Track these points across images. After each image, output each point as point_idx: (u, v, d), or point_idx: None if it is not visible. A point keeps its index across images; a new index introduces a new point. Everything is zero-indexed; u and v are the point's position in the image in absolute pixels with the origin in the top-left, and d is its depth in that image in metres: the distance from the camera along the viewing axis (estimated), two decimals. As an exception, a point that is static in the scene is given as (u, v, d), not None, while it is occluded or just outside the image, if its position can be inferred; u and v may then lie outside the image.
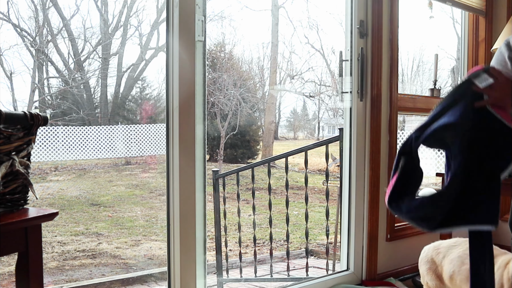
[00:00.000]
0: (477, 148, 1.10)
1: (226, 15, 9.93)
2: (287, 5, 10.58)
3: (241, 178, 4.76)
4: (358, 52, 2.13)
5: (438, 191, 1.15)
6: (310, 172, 8.86)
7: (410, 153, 1.17)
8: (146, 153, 8.17)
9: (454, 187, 1.10)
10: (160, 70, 9.59)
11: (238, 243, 3.91)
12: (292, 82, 10.83)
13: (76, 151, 7.54)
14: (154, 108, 9.21)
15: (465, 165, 1.09)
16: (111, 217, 5.89)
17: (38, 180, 6.76)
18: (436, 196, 1.12)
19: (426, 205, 1.12)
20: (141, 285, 3.72)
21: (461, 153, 1.10)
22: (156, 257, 4.85)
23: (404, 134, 7.75)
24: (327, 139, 2.79)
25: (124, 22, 8.66)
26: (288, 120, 13.41)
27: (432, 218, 1.11)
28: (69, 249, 4.81)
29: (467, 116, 1.12)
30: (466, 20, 2.87)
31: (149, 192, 7.07)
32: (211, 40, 9.50)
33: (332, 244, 3.89)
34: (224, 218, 3.42)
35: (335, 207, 3.90)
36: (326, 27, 11.37)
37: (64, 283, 3.98)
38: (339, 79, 2.19)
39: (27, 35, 7.60)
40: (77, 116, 7.85)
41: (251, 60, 10.66)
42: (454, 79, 8.64)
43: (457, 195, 1.09)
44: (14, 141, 0.96)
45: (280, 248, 5.19)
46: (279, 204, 6.25)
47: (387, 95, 2.24)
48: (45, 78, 7.85)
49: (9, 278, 3.92)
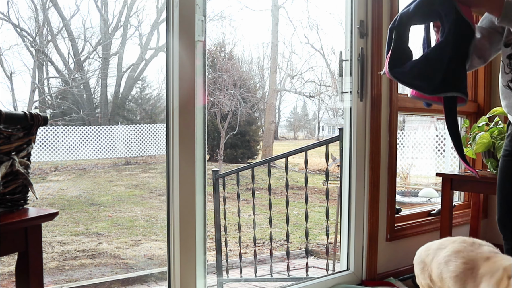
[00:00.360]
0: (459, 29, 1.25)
1: (226, 15, 9.94)
2: (287, 5, 10.59)
3: (241, 178, 4.76)
4: (358, 52, 2.13)
5: (431, 48, 1.31)
6: (310, 172, 8.86)
7: (400, 26, 1.30)
8: (146, 153, 8.17)
9: (445, 49, 1.25)
10: (160, 70, 9.60)
11: (238, 243, 3.91)
12: (292, 82, 10.84)
13: (76, 151, 7.55)
14: (154, 108, 9.22)
15: (454, 33, 1.24)
16: (111, 217, 5.89)
17: (38, 180, 6.76)
18: (431, 52, 1.29)
19: (426, 61, 1.28)
20: (141, 285, 3.72)
21: (451, 22, 1.25)
22: (156, 257, 4.85)
23: (404, 134, 7.76)
24: (327, 139, 2.79)
25: (124, 22, 8.66)
26: (288, 120, 13.41)
27: (431, 78, 1.27)
28: (69, 249, 4.81)
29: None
30: (466, 20, 2.87)
31: (149, 192, 7.08)
32: (211, 40, 9.51)
33: (332, 244, 3.89)
34: (224, 218, 3.42)
35: (335, 207, 3.90)
36: (326, 27, 11.38)
37: (64, 283, 3.98)
38: (339, 79, 2.19)
39: (27, 35, 7.60)
40: (77, 116, 7.85)
41: (251, 60, 10.67)
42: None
43: (449, 60, 1.25)
44: (14, 141, 0.96)
45: (280, 248, 5.19)
46: (279, 204, 6.25)
47: (387, 95, 2.24)
48: (45, 78, 7.85)
49: (9, 278, 3.92)
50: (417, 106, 2.45)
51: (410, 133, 7.83)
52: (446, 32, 1.25)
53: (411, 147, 7.71)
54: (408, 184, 7.48)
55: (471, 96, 2.82)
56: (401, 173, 7.45)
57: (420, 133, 7.73)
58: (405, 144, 7.73)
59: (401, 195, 5.55)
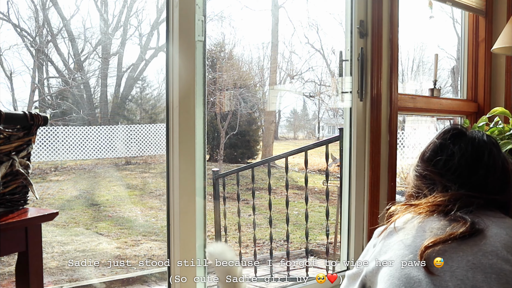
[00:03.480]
0: None
1: (226, 15, 9.92)
2: (287, 5, 10.57)
3: (241, 178, 4.76)
4: (358, 52, 2.13)
5: None
6: (310, 172, 8.86)
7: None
8: (146, 153, 8.17)
9: None
10: (160, 70, 9.59)
11: (238, 243, 3.91)
12: (292, 82, 10.83)
13: (76, 151, 7.54)
14: (154, 108, 9.21)
15: None
16: (111, 217, 5.89)
17: (38, 180, 6.76)
18: None
19: None
20: (141, 285, 3.72)
21: None
22: (156, 257, 4.84)
23: (404, 134, 7.76)
24: (327, 139, 2.79)
25: (124, 22, 8.66)
26: (288, 120, 13.41)
27: None
28: (69, 249, 4.81)
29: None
30: (466, 20, 2.87)
31: (149, 192, 7.07)
32: (211, 40, 9.50)
33: (332, 244, 3.89)
34: (224, 218, 3.42)
35: (335, 207, 3.90)
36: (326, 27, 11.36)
37: (64, 283, 3.97)
38: (339, 79, 2.19)
39: (27, 35, 7.60)
40: (77, 116, 7.85)
41: (251, 60, 10.66)
42: (454, 79, 8.65)
43: None
44: (14, 141, 0.96)
45: (280, 248, 5.19)
46: (279, 204, 6.25)
47: (387, 95, 2.24)
48: (45, 78, 7.85)
49: (9, 278, 3.92)
50: (417, 106, 2.45)
51: (410, 133, 7.83)
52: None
53: (411, 147, 7.71)
54: (407, 184, 7.46)
55: (471, 96, 2.82)
56: (401, 173, 7.44)
57: (420, 133, 7.73)
58: (405, 144, 7.73)
59: (401, 195, 5.54)
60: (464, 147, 1.02)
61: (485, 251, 0.84)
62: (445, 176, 1.00)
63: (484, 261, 0.83)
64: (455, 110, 2.74)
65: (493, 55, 2.71)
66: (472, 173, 0.99)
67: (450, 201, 0.94)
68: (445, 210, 0.93)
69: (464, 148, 1.01)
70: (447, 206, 0.93)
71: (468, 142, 1.02)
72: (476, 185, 0.98)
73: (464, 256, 0.84)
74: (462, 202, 0.93)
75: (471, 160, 1.00)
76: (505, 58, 2.66)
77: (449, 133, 1.05)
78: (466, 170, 0.99)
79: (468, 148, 1.01)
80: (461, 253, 0.85)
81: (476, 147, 1.02)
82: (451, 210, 0.92)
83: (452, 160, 1.01)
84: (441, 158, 1.02)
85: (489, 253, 0.84)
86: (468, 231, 0.86)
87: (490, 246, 0.85)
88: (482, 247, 0.85)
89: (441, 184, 1.00)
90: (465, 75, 2.85)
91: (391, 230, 0.97)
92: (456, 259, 0.84)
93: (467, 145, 1.02)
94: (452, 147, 1.03)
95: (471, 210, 0.92)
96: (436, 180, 1.02)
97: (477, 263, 0.82)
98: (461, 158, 1.00)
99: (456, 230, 0.86)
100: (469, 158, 1.00)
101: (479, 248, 0.85)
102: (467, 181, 0.98)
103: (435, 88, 2.67)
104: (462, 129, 1.06)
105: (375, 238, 1.03)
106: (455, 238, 0.85)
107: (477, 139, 1.03)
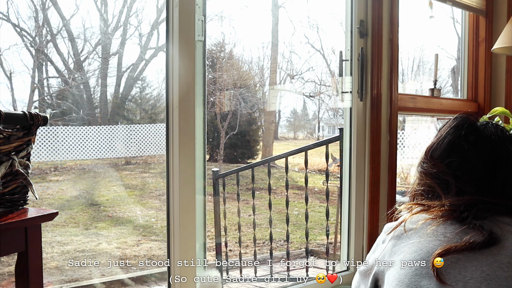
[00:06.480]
0: None
1: (226, 15, 9.91)
2: (287, 5, 10.56)
3: (241, 178, 4.75)
4: (358, 52, 2.13)
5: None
6: (310, 172, 8.86)
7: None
8: (146, 153, 8.16)
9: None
10: (160, 70, 9.58)
11: (238, 243, 3.91)
12: (292, 82, 10.83)
13: (76, 151, 7.54)
14: (154, 108, 9.21)
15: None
16: (111, 217, 5.89)
17: (38, 180, 6.75)
18: None
19: None
20: (141, 285, 3.72)
21: None
22: (156, 257, 4.84)
23: (404, 134, 7.76)
24: (327, 139, 2.79)
25: (124, 22, 8.66)
26: (288, 120, 13.40)
27: None
28: (69, 249, 4.81)
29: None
30: (466, 20, 2.87)
31: (149, 192, 7.07)
32: (211, 40, 9.49)
33: (332, 244, 3.89)
34: (224, 218, 3.42)
35: (335, 207, 3.90)
36: (326, 27, 11.35)
37: (64, 283, 3.97)
38: (339, 79, 2.19)
39: (27, 35, 7.60)
40: (77, 116, 7.85)
41: (251, 60, 10.65)
42: (454, 79, 8.64)
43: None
44: (14, 141, 0.95)
45: (280, 248, 5.19)
46: (279, 204, 6.25)
47: (387, 95, 2.24)
48: (45, 78, 7.84)
49: (9, 278, 3.92)
50: (417, 106, 2.45)
51: (410, 133, 7.83)
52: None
53: (411, 147, 7.71)
54: (408, 184, 7.47)
55: (471, 96, 2.82)
56: (401, 173, 7.45)
57: (420, 133, 7.73)
58: (405, 144, 7.73)
59: (401, 195, 5.54)
60: (482, 148, 0.94)
61: (501, 262, 0.79)
62: (460, 178, 0.93)
63: (499, 273, 0.78)
64: (456, 110, 2.74)
65: (493, 55, 2.71)
66: (490, 177, 0.92)
67: (466, 206, 0.88)
68: (461, 217, 0.87)
69: (482, 150, 0.94)
70: (463, 212, 0.87)
71: (486, 142, 0.95)
72: (494, 190, 0.91)
73: (479, 267, 0.79)
74: (479, 208, 0.88)
75: (489, 163, 0.93)
76: (506, 58, 2.66)
77: (462, 130, 0.96)
78: (484, 174, 0.93)
79: (486, 150, 0.94)
80: (476, 262, 0.80)
81: (493, 148, 0.94)
82: (467, 217, 0.86)
83: (468, 163, 0.94)
84: (455, 159, 0.95)
85: (505, 264, 0.79)
86: (486, 242, 0.81)
87: (506, 257, 0.80)
88: (498, 257, 0.80)
89: (455, 186, 0.93)
90: (465, 75, 2.85)
91: (401, 230, 0.92)
92: (470, 269, 0.79)
93: (484, 145, 0.95)
94: (467, 147, 0.95)
95: (487, 216, 0.86)
96: (449, 181, 0.94)
97: (491, 275, 0.78)
98: (479, 161, 0.93)
99: (473, 240, 0.81)
100: (486, 161, 0.93)
101: (494, 258, 0.80)
102: (484, 185, 0.92)
103: (435, 88, 2.67)
104: (475, 124, 0.98)
105: (385, 233, 0.97)
106: (472, 248, 0.81)
107: (494, 137, 0.95)
